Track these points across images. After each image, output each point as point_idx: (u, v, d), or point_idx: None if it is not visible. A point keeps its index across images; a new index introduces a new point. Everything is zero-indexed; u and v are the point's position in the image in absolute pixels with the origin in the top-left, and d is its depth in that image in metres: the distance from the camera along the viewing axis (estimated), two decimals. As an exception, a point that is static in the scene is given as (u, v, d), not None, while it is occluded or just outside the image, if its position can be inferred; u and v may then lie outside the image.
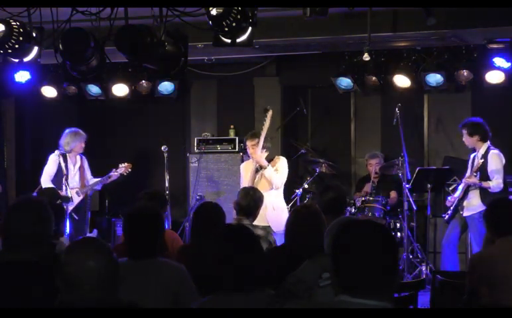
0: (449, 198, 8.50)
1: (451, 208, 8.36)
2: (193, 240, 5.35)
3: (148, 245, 4.15)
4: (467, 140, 8.22)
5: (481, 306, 4.56)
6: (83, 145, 9.05)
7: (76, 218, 8.90)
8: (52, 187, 8.45)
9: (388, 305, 2.61)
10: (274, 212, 7.42)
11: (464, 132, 8.22)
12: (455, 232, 8.37)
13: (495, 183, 8.00)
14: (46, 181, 8.88)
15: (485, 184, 7.99)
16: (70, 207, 8.77)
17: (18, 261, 3.56)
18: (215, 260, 3.25)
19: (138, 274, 3.97)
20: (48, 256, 3.66)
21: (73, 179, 8.99)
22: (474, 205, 8.10)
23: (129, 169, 9.24)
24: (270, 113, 7.89)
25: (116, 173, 9.14)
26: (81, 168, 9.09)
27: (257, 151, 7.65)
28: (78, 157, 9.09)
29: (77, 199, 8.93)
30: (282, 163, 7.83)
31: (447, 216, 8.43)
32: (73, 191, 8.88)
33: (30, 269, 3.54)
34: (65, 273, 2.92)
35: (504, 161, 8.16)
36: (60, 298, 2.94)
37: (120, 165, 9.18)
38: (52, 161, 8.94)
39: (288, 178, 8.15)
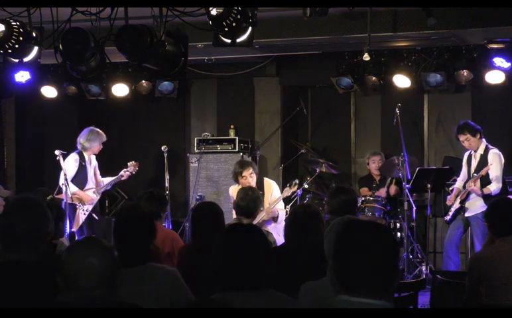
0: (448, 198, 8.50)
1: (452, 210, 8.36)
2: (193, 240, 5.34)
3: (139, 251, 4.08)
4: (473, 142, 8.19)
5: (481, 306, 4.57)
6: (101, 146, 8.98)
7: (96, 218, 8.92)
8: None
9: (387, 304, 2.62)
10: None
11: (467, 135, 8.17)
12: (457, 232, 8.36)
13: (495, 186, 8.03)
14: (74, 186, 8.73)
15: (486, 191, 8.01)
16: (90, 207, 8.78)
17: (18, 261, 3.56)
18: (222, 259, 3.24)
19: (130, 281, 3.87)
20: (48, 256, 3.66)
21: (91, 179, 8.96)
22: (477, 205, 8.11)
23: (137, 168, 9.21)
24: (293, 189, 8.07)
25: (127, 173, 9.09)
26: (95, 168, 9.06)
27: (270, 211, 7.77)
28: (93, 157, 9.01)
29: (95, 199, 8.92)
30: (275, 191, 8.03)
31: (448, 217, 8.42)
32: (90, 191, 8.88)
33: (30, 269, 3.54)
34: (67, 270, 2.93)
35: (503, 160, 8.17)
36: (61, 296, 2.94)
37: (129, 165, 9.15)
38: (74, 161, 8.81)
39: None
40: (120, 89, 10.36)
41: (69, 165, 8.73)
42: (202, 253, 4.89)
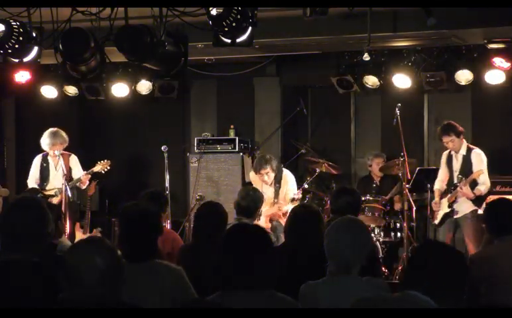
0: (433, 203, 8.48)
1: (441, 213, 8.32)
2: (194, 239, 5.34)
3: (146, 247, 4.09)
4: (457, 143, 8.19)
5: (481, 306, 4.57)
6: (49, 148, 8.93)
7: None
8: (34, 187, 8.53)
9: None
10: None
11: (452, 136, 8.16)
12: (448, 236, 8.32)
13: (485, 186, 8.07)
14: (30, 183, 8.98)
15: (477, 193, 8.02)
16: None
17: (18, 261, 3.56)
18: (222, 259, 3.24)
19: (136, 277, 3.88)
20: (48, 256, 3.66)
21: (55, 178, 8.95)
22: (466, 206, 8.14)
23: (107, 167, 9.12)
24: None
25: (88, 176, 8.97)
26: (66, 166, 8.91)
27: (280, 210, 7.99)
28: (60, 156, 8.87)
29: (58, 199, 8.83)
30: (291, 184, 8.26)
31: (436, 220, 8.40)
32: (52, 191, 8.89)
33: (30, 269, 3.53)
34: (69, 269, 2.93)
35: (485, 159, 8.17)
36: (63, 295, 2.95)
37: (97, 164, 9.10)
38: (33, 165, 9.09)
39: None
40: (120, 89, 10.36)
41: (32, 167, 9.04)
42: (202, 253, 4.91)
